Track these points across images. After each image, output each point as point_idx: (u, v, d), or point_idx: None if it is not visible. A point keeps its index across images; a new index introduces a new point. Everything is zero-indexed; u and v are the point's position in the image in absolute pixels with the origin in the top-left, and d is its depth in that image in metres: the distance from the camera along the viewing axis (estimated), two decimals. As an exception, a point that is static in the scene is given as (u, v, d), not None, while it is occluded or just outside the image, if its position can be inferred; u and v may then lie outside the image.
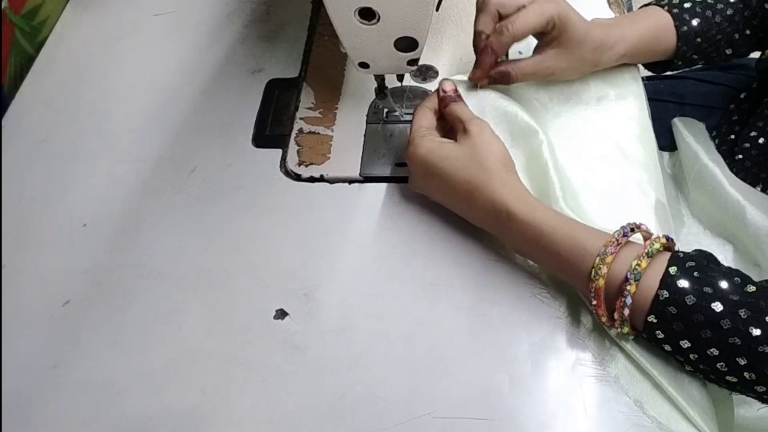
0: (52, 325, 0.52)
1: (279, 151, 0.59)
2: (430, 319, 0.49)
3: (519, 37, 0.51)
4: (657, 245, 0.42)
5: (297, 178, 0.57)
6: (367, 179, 0.56)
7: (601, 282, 0.42)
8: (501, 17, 0.51)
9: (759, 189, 0.57)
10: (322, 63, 0.64)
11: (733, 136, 0.62)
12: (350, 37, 0.48)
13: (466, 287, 0.50)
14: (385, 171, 0.56)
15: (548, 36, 0.52)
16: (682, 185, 0.62)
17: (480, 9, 0.52)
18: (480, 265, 0.51)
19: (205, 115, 0.62)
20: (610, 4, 0.65)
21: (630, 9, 0.70)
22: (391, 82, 0.56)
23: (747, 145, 0.59)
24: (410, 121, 0.55)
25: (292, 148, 0.58)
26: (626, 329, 0.42)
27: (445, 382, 0.46)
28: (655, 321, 0.40)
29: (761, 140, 0.58)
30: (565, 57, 0.53)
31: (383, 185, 0.56)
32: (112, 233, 0.56)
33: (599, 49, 0.53)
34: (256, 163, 0.58)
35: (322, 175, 0.56)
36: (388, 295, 0.50)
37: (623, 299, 0.41)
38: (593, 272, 0.42)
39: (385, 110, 0.59)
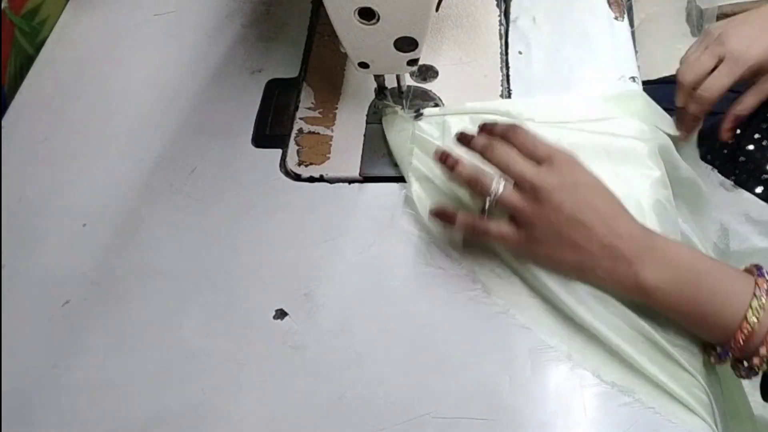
0: (52, 325, 0.52)
1: (279, 151, 0.59)
2: (430, 319, 0.49)
3: (715, 101, 0.54)
4: None
5: (297, 178, 0.57)
6: (367, 179, 0.56)
7: (756, 327, 0.39)
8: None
9: (761, 190, 0.57)
10: (322, 63, 0.64)
11: (734, 140, 0.62)
12: (350, 37, 0.48)
13: (467, 287, 0.50)
14: (385, 171, 0.56)
15: (752, 76, 0.55)
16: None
17: (678, 88, 0.56)
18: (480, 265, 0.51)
19: (205, 115, 0.62)
20: (610, 4, 0.65)
21: (630, 9, 0.70)
22: (391, 82, 0.56)
23: (750, 147, 0.59)
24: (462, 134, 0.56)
25: (292, 148, 0.58)
26: (765, 367, 0.40)
27: (445, 382, 0.46)
28: None
29: (764, 142, 0.59)
30: None
31: (383, 185, 0.56)
32: (112, 233, 0.56)
33: None
34: (256, 163, 0.58)
35: (322, 175, 0.56)
36: (388, 295, 0.50)
37: None
38: (750, 312, 0.40)
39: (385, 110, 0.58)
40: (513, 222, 0.46)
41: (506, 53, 0.63)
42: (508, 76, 0.61)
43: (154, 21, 0.71)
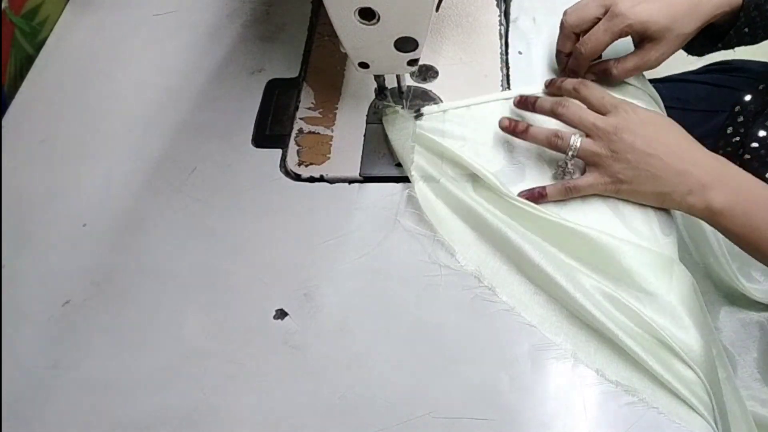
0: (52, 325, 0.52)
1: (279, 151, 0.59)
2: (430, 319, 0.49)
3: (595, 56, 0.55)
4: None
5: (297, 178, 0.57)
6: (367, 179, 0.56)
7: None
8: (578, 35, 0.55)
9: None
10: (322, 63, 0.64)
11: (738, 138, 0.62)
12: (350, 37, 0.48)
13: (467, 287, 0.50)
14: (385, 171, 0.56)
15: (635, 37, 0.54)
16: None
17: (560, 30, 0.56)
18: (480, 265, 0.51)
19: (205, 115, 0.62)
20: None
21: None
22: (391, 82, 0.56)
23: (755, 144, 0.59)
24: (522, 96, 0.57)
25: (292, 148, 0.58)
26: None
27: (445, 382, 0.46)
28: None
29: None
30: (663, 45, 0.53)
31: (383, 185, 0.56)
32: (112, 233, 0.56)
33: (689, 21, 0.53)
34: (256, 163, 0.58)
35: (322, 175, 0.56)
36: (388, 295, 0.50)
37: None
38: None
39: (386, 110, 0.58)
40: (593, 170, 0.51)
41: (506, 53, 0.63)
42: (508, 76, 0.61)
43: (154, 21, 0.71)
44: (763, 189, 0.47)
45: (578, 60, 0.55)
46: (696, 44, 0.58)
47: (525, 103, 0.55)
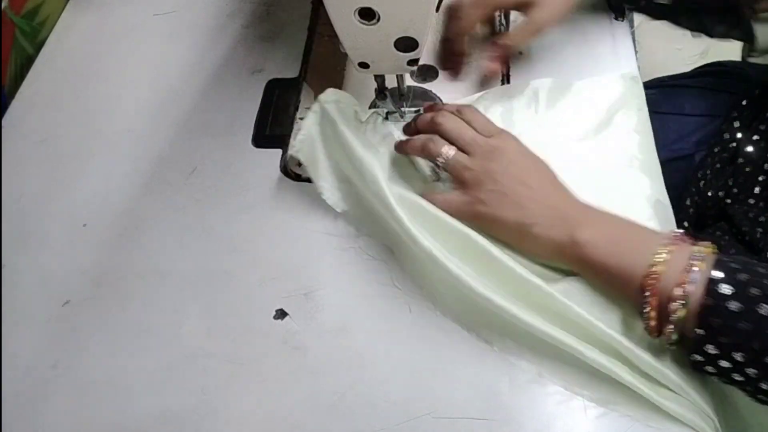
0: (52, 325, 0.52)
1: (279, 151, 0.59)
2: (430, 319, 0.49)
3: (467, 31, 0.54)
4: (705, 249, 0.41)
5: (297, 178, 0.57)
6: (367, 179, 0.56)
7: (662, 269, 0.40)
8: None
9: (758, 191, 0.57)
10: (322, 63, 0.64)
11: (734, 144, 0.62)
12: (350, 37, 0.48)
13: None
14: (385, 171, 0.56)
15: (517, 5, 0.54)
16: None
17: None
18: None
19: (205, 115, 0.62)
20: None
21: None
22: (391, 82, 0.56)
23: (750, 149, 0.59)
24: (409, 122, 0.55)
25: (292, 148, 0.58)
26: (682, 313, 0.40)
27: (445, 382, 0.46)
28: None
29: (763, 144, 0.58)
30: (545, 7, 0.53)
31: (383, 185, 0.55)
32: (112, 233, 0.56)
33: None
34: (256, 163, 0.58)
35: (322, 175, 0.56)
36: (388, 295, 0.50)
37: (687, 277, 0.39)
38: (654, 257, 0.41)
39: (385, 110, 0.58)
40: (458, 187, 0.49)
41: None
42: (508, 76, 0.61)
43: (154, 21, 0.71)
44: (628, 222, 0.46)
45: (453, 38, 0.54)
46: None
47: (407, 127, 0.54)
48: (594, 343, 0.44)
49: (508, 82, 0.61)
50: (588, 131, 0.56)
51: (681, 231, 0.44)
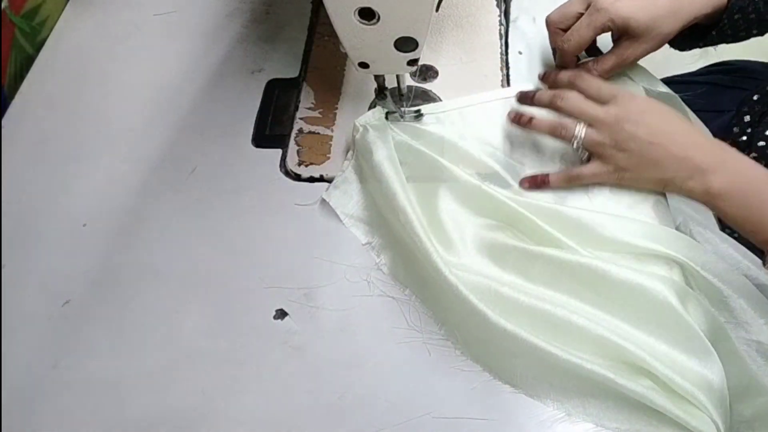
0: (52, 325, 0.52)
1: (279, 151, 0.59)
2: (430, 320, 0.49)
3: (579, 51, 0.55)
4: None
5: (297, 178, 0.57)
6: (367, 179, 0.56)
7: None
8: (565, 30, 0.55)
9: None
10: (322, 63, 0.64)
11: (744, 138, 0.62)
12: (350, 37, 0.48)
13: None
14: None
15: (616, 32, 0.54)
16: None
17: (547, 28, 0.56)
18: (480, 265, 0.50)
19: (205, 115, 0.62)
20: None
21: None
22: (391, 82, 0.56)
23: (762, 143, 0.59)
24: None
25: (292, 148, 0.58)
26: None
27: (445, 382, 0.46)
28: None
29: None
30: (642, 43, 0.53)
31: (383, 185, 0.55)
32: (112, 233, 0.56)
33: (670, 21, 0.53)
34: (256, 163, 0.58)
35: (322, 175, 0.56)
36: (388, 295, 0.50)
37: None
38: None
39: (385, 110, 0.58)
40: (596, 159, 0.52)
41: (506, 53, 0.63)
42: (508, 76, 0.61)
43: (154, 21, 0.71)
44: (761, 173, 0.47)
45: (563, 56, 0.56)
46: (678, 40, 0.58)
47: (524, 97, 0.56)
48: (623, 368, 0.43)
49: (508, 82, 0.61)
50: None
51: None
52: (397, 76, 0.55)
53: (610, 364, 0.43)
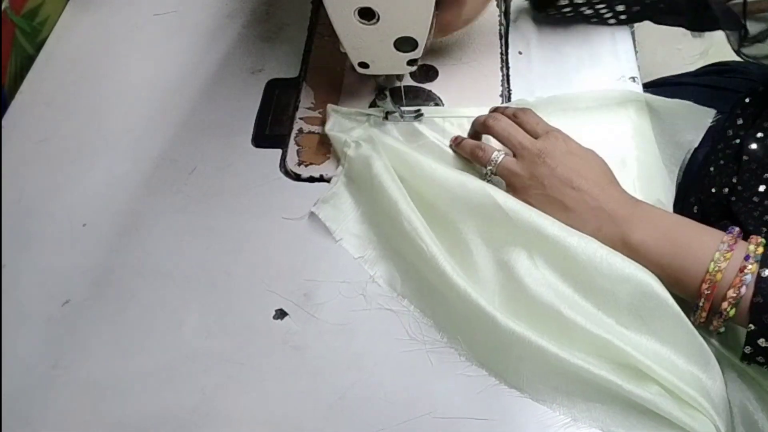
0: (52, 325, 0.52)
1: (279, 151, 0.59)
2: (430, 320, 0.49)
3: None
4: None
5: (297, 178, 0.57)
6: (367, 179, 0.56)
7: (719, 276, 0.42)
8: None
9: (763, 189, 0.57)
10: (322, 63, 0.64)
11: (738, 141, 0.62)
12: (350, 37, 0.48)
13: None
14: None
15: None
16: None
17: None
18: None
19: (205, 115, 0.62)
20: None
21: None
22: (391, 82, 0.56)
23: (753, 146, 0.59)
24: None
25: (292, 148, 0.58)
26: (732, 312, 0.41)
27: (445, 382, 0.46)
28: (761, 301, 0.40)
29: (767, 141, 0.58)
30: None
31: (383, 185, 0.55)
32: (112, 233, 0.56)
33: None
34: (256, 163, 0.58)
35: (322, 175, 0.56)
36: (388, 295, 0.50)
37: (741, 279, 0.41)
38: (712, 265, 0.42)
39: (385, 110, 0.58)
40: (508, 189, 0.50)
41: (506, 53, 0.63)
42: (508, 76, 0.61)
43: (154, 21, 0.71)
44: (675, 220, 0.46)
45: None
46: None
47: (475, 121, 0.55)
48: (630, 374, 0.43)
49: (509, 82, 0.61)
50: (587, 134, 0.56)
51: (734, 228, 0.44)
52: (397, 76, 0.55)
53: (616, 369, 0.43)
